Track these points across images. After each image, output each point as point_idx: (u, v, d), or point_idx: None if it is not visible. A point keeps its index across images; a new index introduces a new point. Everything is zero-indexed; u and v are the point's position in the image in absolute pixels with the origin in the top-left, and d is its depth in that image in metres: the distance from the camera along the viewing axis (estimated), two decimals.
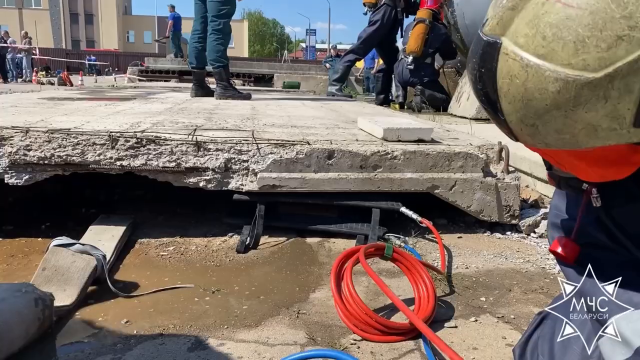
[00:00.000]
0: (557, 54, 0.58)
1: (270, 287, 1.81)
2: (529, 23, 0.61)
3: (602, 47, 0.56)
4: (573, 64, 0.58)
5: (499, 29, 0.64)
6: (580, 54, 0.57)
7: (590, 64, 0.57)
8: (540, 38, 0.59)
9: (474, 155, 2.36)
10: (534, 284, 1.89)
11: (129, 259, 2.05)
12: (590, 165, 0.70)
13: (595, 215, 0.89)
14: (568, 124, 0.62)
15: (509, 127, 0.69)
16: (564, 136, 0.63)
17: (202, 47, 4.63)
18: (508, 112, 0.66)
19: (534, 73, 0.60)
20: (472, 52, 0.69)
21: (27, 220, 2.44)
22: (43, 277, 1.65)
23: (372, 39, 6.23)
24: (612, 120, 0.60)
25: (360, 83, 15.03)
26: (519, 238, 2.39)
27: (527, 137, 0.68)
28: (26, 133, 2.09)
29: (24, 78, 17.00)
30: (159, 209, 2.64)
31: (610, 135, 0.61)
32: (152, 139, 2.17)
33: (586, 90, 0.58)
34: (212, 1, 4.38)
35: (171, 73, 15.29)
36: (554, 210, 1.03)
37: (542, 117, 0.63)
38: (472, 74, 0.70)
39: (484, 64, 0.67)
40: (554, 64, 0.59)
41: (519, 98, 0.63)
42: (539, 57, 0.60)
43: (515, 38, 0.62)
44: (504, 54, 0.63)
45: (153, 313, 1.59)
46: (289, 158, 2.22)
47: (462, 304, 1.71)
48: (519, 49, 0.62)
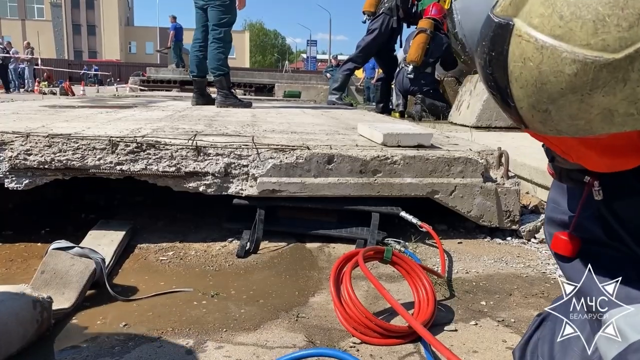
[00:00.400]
0: (575, 34, 0.56)
1: (270, 291, 1.81)
2: (544, 2, 0.58)
3: (623, 26, 0.54)
4: (592, 44, 0.55)
5: (511, 9, 0.62)
6: (600, 33, 0.55)
7: (610, 44, 0.54)
8: (557, 18, 0.57)
9: (473, 160, 2.36)
10: (535, 289, 1.88)
11: (128, 264, 2.04)
12: (600, 154, 0.67)
13: (593, 209, 0.87)
14: (583, 108, 0.59)
15: (518, 114, 0.66)
16: (578, 122, 0.61)
17: (203, 56, 4.66)
18: (519, 98, 0.63)
19: (549, 55, 0.58)
20: (482, 34, 0.66)
21: (26, 225, 2.44)
22: (42, 280, 1.65)
23: (371, 48, 6.26)
24: (629, 105, 0.57)
25: (361, 92, 15.09)
26: (520, 243, 2.39)
27: (538, 123, 0.65)
28: (27, 138, 2.10)
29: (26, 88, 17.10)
30: (158, 214, 2.63)
31: (626, 121, 0.58)
32: (152, 143, 2.18)
33: (605, 73, 0.55)
34: (213, 10, 4.42)
35: (172, 83, 15.34)
36: (551, 204, 1.02)
37: (556, 102, 0.60)
38: (481, 58, 0.67)
39: (494, 47, 0.64)
40: (571, 45, 0.56)
41: (532, 82, 0.60)
42: (555, 38, 0.57)
43: (530, 19, 0.59)
44: (517, 35, 0.60)
45: (151, 317, 1.58)
46: (289, 163, 2.23)
47: (462, 307, 1.70)
48: (534, 29, 0.59)
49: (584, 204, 0.88)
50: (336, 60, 17.89)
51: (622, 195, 0.82)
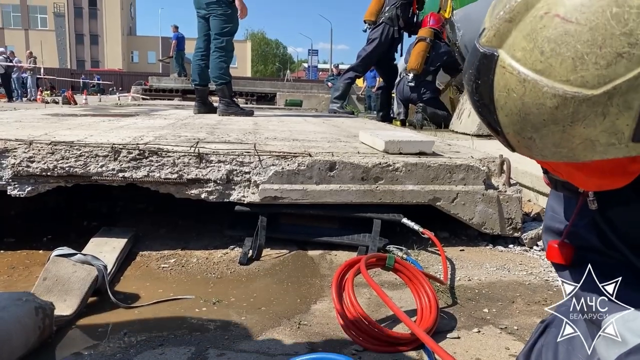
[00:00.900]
0: (555, 69, 0.57)
1: (271, 299, 1.80)
2: (526, 37, 0.59)
3: (601, 64, 0.55)
4: (571, 80, 0.56)
5: (495, 40, 0.63)
6: (579, 70, 0.56)
7: (589, 81, 0.56)
8: (538, 53, 0.58)
9: (475, 167, 2.37)
10: (537, 296, 1.87)
11: (130, 271, 2.04)
12: (588, 175, 0.69)
13: (589, 218, 0.88)
14: (566, 138, 0.60)
15: (506, 138, 0.68)
16: (561, 150, 0.62)
17: (205, 65, 4.68)
18: (505, 125, 0.65)
19: (531, 88, 0.59)
20: (469, 63, 0.68)
21: (29, 232, 2.45)
22: (44, 286, 1.64)
23: (371, 57, 6.29)
24: (610, 136, 0.59)
25: (362, 101, 15.12)
26: (522, 251, 2.38)
27: (524, 149, 0.67)
28: (29, 145, 2.11)
29: (29, 97, 17.18)
30: (160, 221, 2.64)
31: (608, 150, 0.60)
32: (154, 150, 2.19)
33: (584, 107, 0.57)
34: (215, 19, 4.44)
35: (175, 92, 15.41)
36: (549, 212, 1.03)
37: (540, 131, 0.62)
38: (468, 85, 0.69)
39: (480, 75, 0.65)
40: (551, 80, 0.58)
41: (516, 112, 0.62)
42: (536, 72, 0.59)
43: (513, 51, 0.61)
44: (501, 66, 0.62)
45: (153, 324, 1.58)
46: (291, 170, 2.23)
47: (465, 315, 1.69)
48: (516, 62, 0.60)
49: (579, 213, 0.89)
50: (337, 69, 17.98)
51: (617, 204, 0.83)
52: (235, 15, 4.46)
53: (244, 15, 4.49)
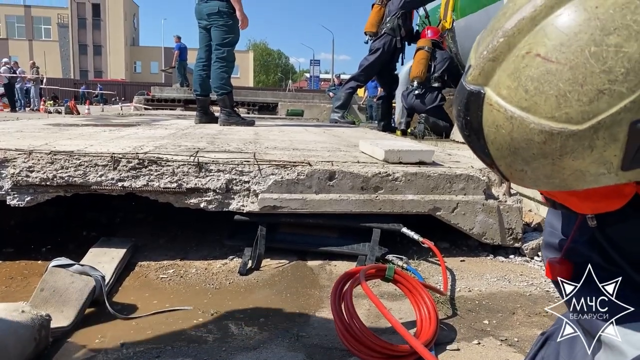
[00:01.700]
0: (540, 107, 0.58)
1: (270, 310, 1.79)
2: (510, 75, 0.61)
3: (583, 100, 0.56)
4: (556, 117, 0.58)
5: (481, 79, 0.64)
6: (563, 107, 0.57)
7: (573, 117, 0.57)
8: (522, 91, 0.59)
9: (475, 177, 2.36)
10: (538, 307, 1.85)
11: (129, 282, 2.03)
12: (582, 199, 0.70)
13: (588, 234, 0.88)
14: (556, 170, 0.62)
15: (499, 169, 0.69)
16: (553, 180, 0.64)
17: (206, 75, 4.71)
18: (497, 157, 0.66)
19: (518, 125, 0.60)
20: (457, 100, 0.69)
21: (27, 243, 2.44)
22: (41, 297, 1.64)
23: (374, 67, 6.30)
24: (599, 166, 0.60)
25: (363, 111, 15.16)
26: (523, 261, 2.37)
27: (517, 180, 0.68)
28: (29, 155, 2.11)
29: (32, 107, 17.26)
30: (160, 232, 2.63)
31: (599, 179, 0.61)
32: (154, 160, 2.19)
33: (571, 141, 0.58)
34: (217, 30, 4.47)
35: (177, 102, 15.48)
36: (548, 228, 1.03)
37: (530, 164, 0.63)
38: (458, 121, 0.70)
39: (469, 112, 0.66)
40: (537, 117, 0.59)
41: (506, 146, 0.63)
42: (522, 110, 0.60)
43: (498, 89, 0.62)
44: (488, 104, 0.63)
45: (151, 335, 1.57)
46: (290, 179, 2.23)
47: (465, 326, 1.68)
48: (503, 100, 0.61)
49: (579, 229, 0.89)
50: (339, 79, 18.02)
51: (616, 221, 0.83)
52: (236, 26, 4.48)
53: (245, 26, 4.52)
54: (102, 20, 50.45)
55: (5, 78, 15.72)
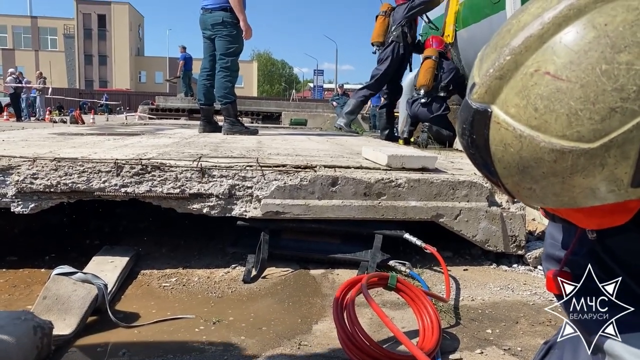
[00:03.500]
0: (550, 125, 0.57)
1: (272, 319, 1.79)
2: (518, 94, 0.60)
3: (595, 119, 0.55)
4: (568, 135, 0.57)
5: (487, 97, 0.63)
6: (574, 126, 0.56)
7: (585, 136, 0.56)
8: (532, 109, 0.58)
9: (478, 184, 2.35)
10: (542, 317, 1.84)
11: (131, 290, 2.04)
12: (588, 215, 0.69)
13: (588, 246, 0.88)
14: (566, 188, 0.61)
15: (505, 188, 0.68)
16: (562, 198, 0.63)
17: (210, 84, 4.73)
18: (503, 176, 0.65)
19: (528, 143, 0.59)
20: (462, 118, 0.68)
21: (31, 251, 2.45)
22: (43, 305, 1.64)
23: (386, 75, 6.34)
24: (609, 184, 0.59)
25: (367, 120, 15.18)
26: (526, 270, 2.35)
27: (525, 198, 0.67)
28: (33, 162, 2.13)
29: (38, 117, 17.36)
30: (163, 240, 2.63)
31: (608, 196, 0.61)
32: (157, 165, 2.20)
33: (583, 160, 0.57)
34: (221, 40, 4.50)
35: (181, 111, 15.57)
36: (549, 240, 1.02)
37: (539, 183, 0.62)
38: (463, 140, 0.69)
39: (474, 130, 0.65)
40: (548, 136, 0.58)
41: (514, 165, 0.62)
42: (532, 129, 0.59)
43: (506, 107, 0.61)
44: (496, 122, 0.62)
45: (153, 344, 1.57)
46: (293, 184, 2.23)
47: (468, 335, 1.67)
48: (511, 118, 0.60)
49: (578, 242, 0.89)
50: (342, 89, 18.07)
51: (616, 233, 0.82)
52: (240, 36, 4.52)
53: (249, 36, 4.55)
54: (107, 31, 50.90)
55: (11, 88, 15.84)
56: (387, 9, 6.35)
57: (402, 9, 6.12)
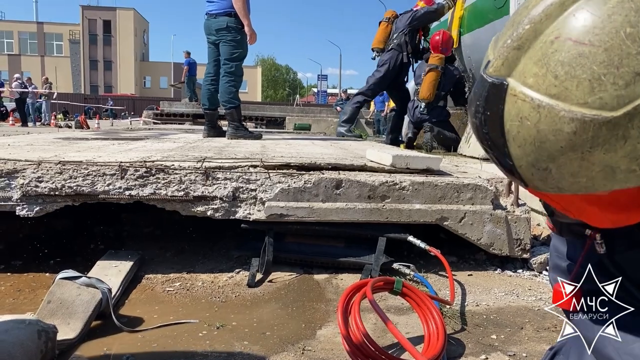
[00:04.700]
0: (571, 93, 0.55)
1: (276, 324, 1.78)
2: (537, 62, 0.58)
3: (619, 84, 0.53)
4: (590, 102, 0.55)
5: (504, 69, 0.61)
6: (597, 92, 0.54)
7: (608, 103, 0.54)
8: (551, 77, 0.56)
9: (483, 187, 2.35)
10: (547, 322, 1.83)
11: (135, 294, 2.03)
12: (602, 210, 0.66)
13: (596, 259, 0.85)
14: (585, 166, 0.58)
15: (518, 172, 0.65)
16: (579, 179, 0.60)
17: (214, 89, 4.74)
18: (518, 157, 0.63)
19: (546, 114, 0.57)
20: (475, 94, 0.66)
21: (36, 255, 2.45)
22: (48, 309, 1.64)
23: (381, 82, 6.34)
24: (631, 161, 0.56)
25: (371, 125, 15.18)
26: (531, 276, 2.34)
27: (539, 182, 0.64)
28: (38, 165, 2.14)
29: (43, 121, 17.46)
30: (167, 245, 2.63)
31: (629, 177, 0.58)
32: (161, 168, 2.20)
33: (604, 130, 0.55)
34: (225, 45, 4.52)
35: (185, 116, 15.60)
36: (554, 252, 1.00)
37: (557, 160, 0.59)
38: (475, 118, 0.66)
39: (489, 106, 0.63)
40: (568, 104, 0.56)
41: (531, 141, 0.60)
42: (551, 97, 0.57)
43: (524, 78, 0.59)
44: (512, 95, 0.60)
45: (156, 348, 1.56)
46: (297, 187, 2.23)
47: (473, 341, 1.66)
48: (529, 89, 0.58)
49: (586, 256, 0.86)
50: (346, 94, 18.11)
51: (625, 248, 0.80)
52: (244, 41, 4.53)
53: (253, 41, 4.56)
54: (112, 36, 51.24)
55: (16, 93, 15.94)
56: (391, 16, 6.37)
57: (406, 17, 6.14)
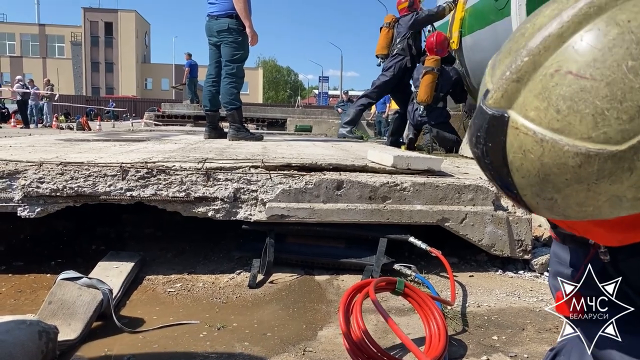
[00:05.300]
0: (574, 127, 0.54)
1: (277, 325, 1.78)
2: (538, 95, 0.57)
3: (623, 118, 0.52)
4: (594, 137, 0.54)
5: (504, 101, 0.60)
6: (601, 127, 0.53)
7: (612, 137, 0.53)
8: (553, 111, 0.55)
9: (484, 188, 2.34)
10: (548, 323, 1.82)
11: (136, 295, 2.03)
12: (609, 230, 0.65)
13: (599, 267, 0.84)
14: (591, 196, 0.57)
15: (523, 200, 0.63)
16: (586, 208, 0.59)
17: (216, 91, 4.75)
18: (522, 187, 0.61)
19: (550, 148, 0.56)
20: (476, 125, 0.64)
21: (37, 256, 2.45)
22: (49, 310, 1.64)
23: (386, 86, 6.37)
24: (637, 190, 0.56)
25: (372, 127, 15.19)
26: (532, 277, 2.34)
27: (544, 210, 0.63)
28: (40, 166, 2.14)
29: (44, 123, 17.49)
30: (168, 246, 2.63)
31: (636, 205, 0.57)
32: (162, 169, 2.20)
33: (610, 163, 0.54)
34: (226, 47, 4.53)
35: (187, 118, 15.65)
36: (554, 259, 0.99)
37: (562, 191, 0.58)
38: (477, 149, 0.65)
39: (490, 137, 0.62)
40: (572, 139, 0.54)
41: (535, 173, 0.58)
42: (554, 132, 0.55)
43: (525, 111, 0.58)
44: (514, 127, 0.59)
45: (157, 349, 1.56)
46: (298, 188, 2.23)
47: (474, 342, 1.65)
48: (530, 122, 0.57)
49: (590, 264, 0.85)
50: (347, 96, 18.10)
51: (629, 256, 0.79)
52: (245, 42, 4.54)
53: (255, 42, 4.57)
54: (114, 38, 51.33)
55: (18, 95, 15.97)
56: (390, 21, 6.38)
57: (407, 20, 6.13)
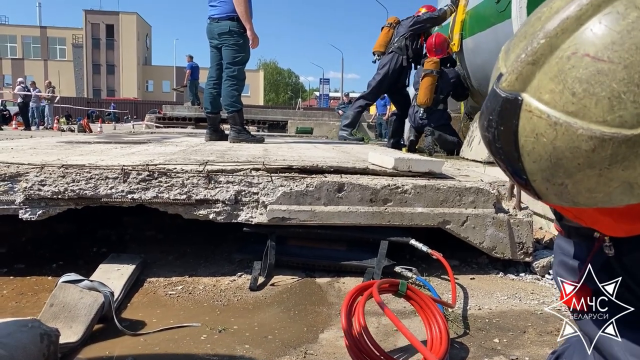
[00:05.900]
0: (590, 110, 0.54)
1: (278, 327, 1.78)
2: (554, 78, 0.56)
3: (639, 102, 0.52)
4: (609, 120, 0.53)
5: (518, 84, 0.59)
6: (617, 110, 0.53)
7: (627, 121, 0.53)
8: (569, 94, 0.55)
9: (485, 190, 2.34)
10: (550, 326, 1.82)
11: (137, 298, 2.04)
12: (617, 220, 0.65)
13: (603, 260, 0.84)
14: (602, 182, 0.57)
15: (532, 186, 0.63)
16: (596, 195, 0.58)
17: (217, 93, 4.76)
18: (532, 172, 0.61)
19: (563, 131, 0.56)
20: (488, 108, 0.64)
21: (39, 258, 2.46)
22: (50, 313, 1.64)
23: (381, 86, 6.36)
24: None
25: (373, 129, 15.21)
26: (533, 279, 2.33)
27: (553, 196, 0.63)
28: (41, 169, 2.14)
29: (46, 125, 17.51)
30: (169, 249, 2.63)
31: None
32: (163, 171, 2.21)
33: (624, 148, 0.54)
34: (227, 49, 4.53)
35: (188, 120, 15.67)
36: (559, 250, 0.99)
37: (573, 176, 0.58)
38: (488, 132, 0.64)
39: (502, 121, 0.61)
40: (587, 122, 0.54)
41: (547, 157, 0.58)
42: (569, 115, 0.55)
43: (539, 94, 0.57)
44: (527, 111, 0.58)
45: (158, 352, 1.56)
46: (299, 190, 2.23)
47: (475, 345, 1.65)
48: (545, 105, 0.57)
49: (594, 257, 0.85)
50: (348, 98, 18.12)
51: (633, 250, 0.79)
52: (246, 45, 4.54)
53: (256, 45, 4.58)
54: (115, 41, 51.44)
55: (20, 97, 16.00)
56: (393, 22, 6.39)
57: (408, 22, 6.15)
